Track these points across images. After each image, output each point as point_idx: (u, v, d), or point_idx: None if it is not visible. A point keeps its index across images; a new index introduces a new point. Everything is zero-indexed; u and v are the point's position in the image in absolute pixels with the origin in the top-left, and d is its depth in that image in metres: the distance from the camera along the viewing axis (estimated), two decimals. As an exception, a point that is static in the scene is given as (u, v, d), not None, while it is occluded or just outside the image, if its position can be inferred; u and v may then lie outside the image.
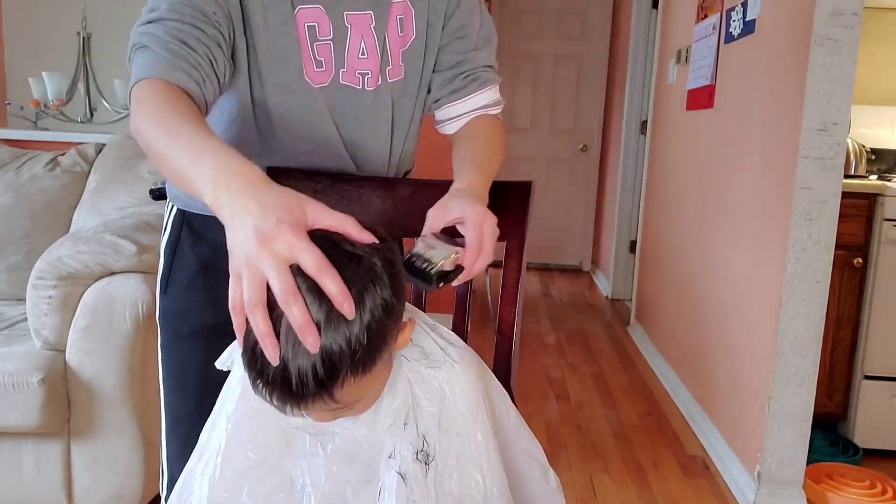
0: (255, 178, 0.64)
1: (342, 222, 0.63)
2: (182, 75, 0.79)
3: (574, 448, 2.39)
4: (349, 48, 0.94)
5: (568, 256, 5.62)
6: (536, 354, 3.41)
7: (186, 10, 0.82)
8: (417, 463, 0.73)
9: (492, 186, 1.01)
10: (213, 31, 0.83)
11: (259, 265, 0.58)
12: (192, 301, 1.04)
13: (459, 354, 0.78)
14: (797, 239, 1.89)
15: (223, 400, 0.79)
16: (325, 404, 0.63)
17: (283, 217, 0.59)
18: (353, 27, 0.93)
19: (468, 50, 1.02)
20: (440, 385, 0.75)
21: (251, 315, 0.59)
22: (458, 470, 0.74)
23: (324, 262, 0.59)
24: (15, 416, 1.62)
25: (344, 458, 0.73)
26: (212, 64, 0.83)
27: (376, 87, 0.98)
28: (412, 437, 0.73)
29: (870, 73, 2.70)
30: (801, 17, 1.89)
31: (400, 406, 0.73)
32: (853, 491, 2.02)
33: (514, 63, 5.37)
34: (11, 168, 2.20)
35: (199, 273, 1.03)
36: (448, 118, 1.06)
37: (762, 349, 2.04)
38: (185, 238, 1.05)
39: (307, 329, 0.58)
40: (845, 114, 1.85)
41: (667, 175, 3.32)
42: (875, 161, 2.78)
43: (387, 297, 0.63)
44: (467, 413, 0.75)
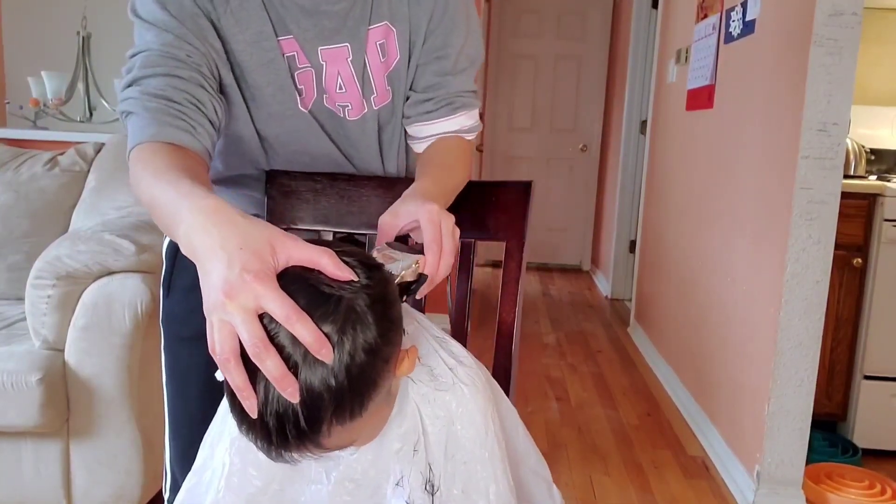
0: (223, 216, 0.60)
1: (317, 257, 0.59)
2: (170, 130, 0.77)
3: (574, 449, 2.39)
4: (326, 82, 0.93)
5: (568, 256, 5.62)
6: (536, 355, 3.41)
7: (159, 62, 0.81)
8: (425, 493, 0.71)
9: (492, 186, 1.01)
10: (191, 73, 0.82)
11: (226, 318, 0.56)
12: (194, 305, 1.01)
13: (469, 375, 0.74)
14: (797, 239, 1.89)
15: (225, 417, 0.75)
16: (312, 452, 0.59)
17: (247, 264, 0.56)
18: (328, 63, 0.92)
19: (446, 72, 0.96)
20: (447, 410, 0.72)
21: (224, 369, 0.56)
22: (462, 500, 0.71)
23: (292, 310, 0.55)
24: (14, 415, 1.62)
25: (349, 485, 0.71)
26: (198, 108, 0.81)
27: (360, 115, 0.97)
28: (421, 465, 0.71)
29: (870, 73, 2.70)
30: (800, 17, 1.89)
31: (409, 430, 0.71)
32: (853, 491, 2.02)
33: (514, 63, 5.37)
34: (11, 167, 2.20)
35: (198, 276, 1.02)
36: (417, 137, 1.01)
37: (762, 349, 2.04)
38: None
39: (284, 381, 0.55)
40: (845, 114, 1.85)
41: (667, 175, 3.32)
42: (875, 161, 2.78)
43: (370, 340, 0.58)
44: (475, 438, 0.72)
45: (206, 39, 0.85)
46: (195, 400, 1.01)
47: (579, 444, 2.43)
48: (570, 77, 5.38)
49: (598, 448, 2.40)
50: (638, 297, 3.76)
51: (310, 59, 0.91)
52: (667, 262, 3.20)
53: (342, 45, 0.91)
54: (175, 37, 0.83)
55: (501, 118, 5.46)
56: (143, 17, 0.84)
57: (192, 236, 0.61)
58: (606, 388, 3.00)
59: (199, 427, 1.00)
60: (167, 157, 0.75)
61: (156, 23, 0.83)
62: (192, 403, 1.02)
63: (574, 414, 2.69)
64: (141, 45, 0.84)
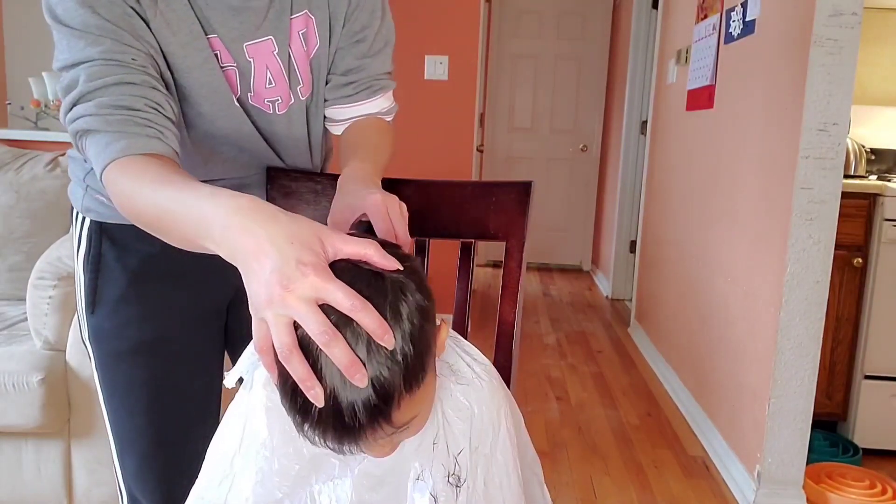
0: (265, 213, 0.59)
1: (364, 249, 0.60)
2: (142, 141, 0.74)
3: (574, 449, 2.39)
4: (255, 80, 0.91)
5: (568, 256, 5.62)
6: (536, 355, 3.41)
7: (106, 72, 0.76)
8: (449, 486, 0.70)
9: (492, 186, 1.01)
10: (142, 76, 0.78)
11: (285, 311, 0.55)
12: (126, 317, 0.99)
13: (484, 371, 0.76)
14: (797, 239, 1.89)
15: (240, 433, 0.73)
16: (384, 431, 0.59)
17: (302, 257, 0.56)
18: (255, 60, 0.90)
19: (364, 55, 0.98)
20: (469, 402, 0.73)
21: (287, 363, 0.56)
22: (485, 493, 0.72)
23: (356, 299, 0.55)
24: (15, 416, 1.63)
25: (371, 481, 0.71)
26: (158, 110, 0.78)
27: (288, 108, 0.96)
28: (443, 457, 0.70)
29: (870, 73, 2.70)
30: (801, 18, 1.89)
31: (428, 426, 0.70)
32: (853, 491, 2.02)
33: (514, 63, 5.37)
34: (12, 168, 2.20)
35: (129, 286, 0.98)
36: (336, 119, 1.02)
37: (762, 349, 2.04)
38: (108, 251, 0.98)
39: (353, 367, 0.55)
40: (845, 114, 1.85)
41: (667, 175, 3.32)
42: (875, 161, 2.78)
43: (420, 302, 0.60)
44: (490, 432, 0.73)
45: (143, 39, 0.80)
46: (142, 414, 1.00)
47: (579, 443, 2.43)
48: (570, 77, 5.38)
49: (599, 448, 2.41)
50: (638, 297, 3.76)
51: (235, 58, 0.89)
52: (667, 262, 3.20)
53: (266, 38, 0.90)
54: (114, 41, 0.77)
55: (501, 118, 5.46)
56: (70, 23, 0.77)
57: (232, 238, 0.59)
58: (607, 387, 3.00)
59: (150, 440, 1.00)
60: (156, 167, 0.72)
61: (87, 29, 0.76)
62: (140, 417, 1.00)
63: (574, 414, 2.70)
64: (76, 55, 0.77)
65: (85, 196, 1.00)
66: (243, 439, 0.72)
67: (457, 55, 3.53)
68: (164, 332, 1.00)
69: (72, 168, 1.03)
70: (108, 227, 0.98)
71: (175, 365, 1.01)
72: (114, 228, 0.98)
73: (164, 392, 1.00)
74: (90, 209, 0.99)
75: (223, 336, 1.10)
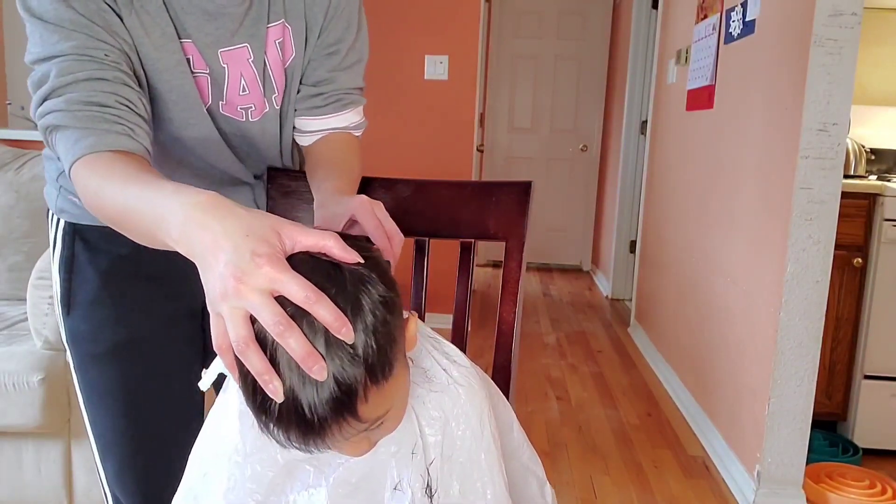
0: (223, 209, 0.58)
1: (323, 241, 0.58)
2: (111, 138, 0.74)
3: (574, 448, 2.39)
4: (228, 87, 0.90)
5: (568, 256, 5.62)
6: (536, 354, 3.41)
7: (78, 67, 0.75)
8: (425, 497, 0.70)
9: (492, 186, 1.01)
10: (114, 73, 0.77)
11: (240, 303, 0.54)
12: (100, 318, 0.99)
13: (463, 375, 0.73)
14: (797, 239, 1.89)
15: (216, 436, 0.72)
16: (352, 427, 0.57)
17: (257, 249, 0.54)
18: (230, 66, 0.89)
19: (335, 68, 0.97)
20: (443, 410, 0.71)
21: (243, 356, 0.54)
22: (460, 501, 0.71)
23: (311, 291, 0.53)
24: (15, 415, 1.63)
25: (347, 489, 0.70)
26: (130, 108, 0.77)
27: (262, 116, 0.95)
28: (420, 468, 0.70)
29: (870, 73, 2.70)
30: (800, 18, 1.89)
31: (405, 433, 0.69)
32: (853, 491, 2.02)
33: (514, 63, 5.37)
34: (12, 168, 2.20)
35: (101, 288, 0.98)
36: (304, 130, 1.01)
37: (762, 349, 2.04)
38: (81, 253, 0.98)
39: (311, 359, 0.53)
40: (845, 114, 1.85)
41: (667, 175, 3.32)
42: (875, 161, 2.78)
43: (383, 293, 0.58)
44: (470, 439, 0.71)
45: (118, 35, 0.79)
46: (121, 417, 0.99)
47: (579, 443, 2.43)
48: (570, 77, 5.38)
49: (599, 448, 2.41)
50: (638, 297, 3.76)
51: (209, 64, 0.88)
52: (667, 262, 3.20)
53: (241, 45, 0.89)
54: (87, 36, 0.76)
55: (501, 118, 5.46)
56: (43, 16, 0.76)
57: (190, 234, 0.58)
58: (607, 387, 3.00)
59: (131, 443, 0.99)
60: (123, 164, 0.71)
61: (61, 23, 0.75)
62: (120, 420, 0.99)
63: (574, 414, 2.70)
64: (48, 49, 0.76)
65: (59, 197, 0.99)
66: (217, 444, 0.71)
67: (457, 55, 3.53)
68: (138, 334, 0.99)
69: (46, 168, 1.01)
70: (80, 228, 0.98)
71: (151, 366, 1.00)
72: (86, 230, 0.97)
73: (142, 394, 0.99)
74: (64, 210, 0.98)
75: (202, 336, 1.07)
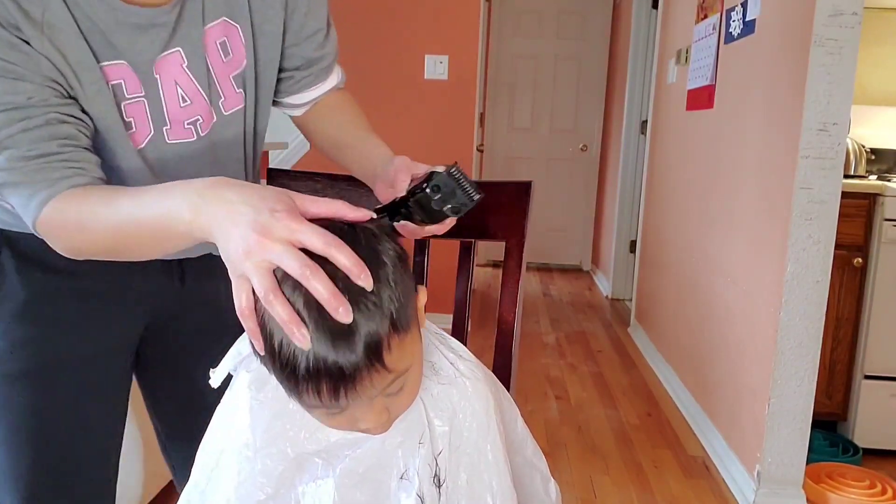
0: (235, 183, 0.61)
1: (334, 207, 0.61)
2: (62, 184, 0.72)
3: (574, 448, 2.39)
4: (166, 101, 0.83)
5: (568, 256, 5.62)
6: (536, 354, 3.41)
7: (5, 120, 0.71)
8: (433, 487, 0.70)
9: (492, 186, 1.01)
10: (45, 115, 0.73)
11: (265, 256, 0.55)
12: (21, 336, 0.88)
13: (469, 369, 0.75)
14: (797, 239, 1.89)
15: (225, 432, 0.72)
16: (379, 376, 0.59)
17: (275, 207, 0.57)
18: (162, 76, 0.82)
19: (320, 45, 0.96)
20: (451, 403, 0.72)
21: (270, 305, 0.55)
22: (468, 492, 0.72)
23: (330, 237, 0.56)
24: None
25: (354, 479, 0.70)
26: (72, 145, 0.74)
27: (210, 127, 0.88)
28: (429, 458, 0.70)
29: (870, 73, 2.70)
30: (801, 18, 1.89)
31: (412, 423, 0.70)
32: (853, 491, 2.02)
33: (514, 63, 5.37)
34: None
35: (28, 303, 0.88)
36: (298, 104, 1.01)
37: (762, 349, 2.04)
38: (8, 262, 0.88)
39: (336, 299, 0.54)
40: (845, 114, 1.85)
41: (667, 175, 3.32)
42: (875, 161, 2.78)
43: (396, 248, 0.62)
44: (477, 431, 0.72)
45: (35, 65, 0.73)
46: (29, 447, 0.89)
47: (579, 443, 2.43)
48: (570, 77, 5.38)
49: (598, 448, 2.41)
50: (638, 297, 3.76)
51: (143, 83, 0.81)
52: (667, 262, 3.20)
53: (174, 50, 0.82)
54: (4, 80, 0.71)
55: (501, 118, 5.46)
56: None
57: (205, 211, 0.60)
58: (606, 387, 3.00)
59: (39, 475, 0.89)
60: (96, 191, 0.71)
61: None
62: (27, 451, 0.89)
63: (574, 413, 2.70)
64: None
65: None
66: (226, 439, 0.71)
67: (457, 55, 3.52)
68: (60, 357, 0.90)
69: None
70: (11, 235, 0.88)
71: (73, 392, 0.91)
72: (18, 238, 0.87)
73: (58, 423, 0.90)
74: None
75: (132, 361, 1.00)
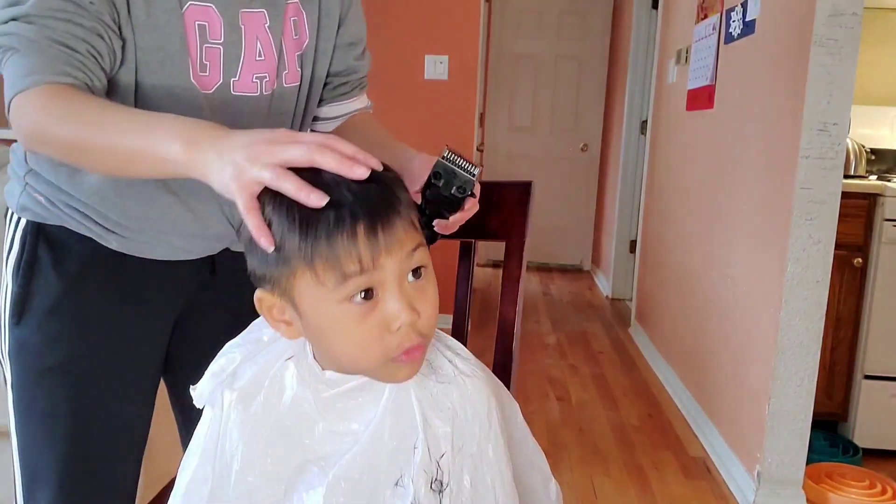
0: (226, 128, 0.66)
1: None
2: (68, 79, 0.74)
3: (575, 449, 2.39)
4: (245, 51, 0.87)
5: (568, 256, 5.62)
6: (537, 355, 3.41)
7: (60, 6, 0.74)
8: (431, 492, 0.69)
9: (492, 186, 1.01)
10: (93, 22, 0.76)
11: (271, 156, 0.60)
12: (58, 329, 0.89)
13: (469, 367, 0.74)
14: (797, 239, 1.89)
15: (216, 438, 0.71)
16: (402, 224, 0.63)
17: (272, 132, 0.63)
18: (246, 28, 0.86)
19: (357, 57, 1.03)
20: (451, 402, 0.71)
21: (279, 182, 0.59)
22: (471, 494, 0.71)
23: (323, 137, 0.62)
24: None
25: (346, 485, 0.69)
26: (96, 59, 0.77)
27: (271, 92, 0.92)
28: (425, 463, 0.69)
29: (870, 73, 2.70)
30: (801, 18, 1.89)
31: (406, 428, 0.69)
32: (853, 491, 2.02)
33: (514, 63, 5.37)
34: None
35: (65, 295, 0.88)
36: (329, 117, 1.05)
37: (762, 349, 2.04)
38: (44, 255, 0.89)
39: (349, 161, 0.60)
40: (845, 114, 1.85)
41: (667, 175, 3.32)
42: (875, 161, 2.78)
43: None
44: (478, 432, 0.72)
45: None
46: (64, 441, 0.89)
47: (580, 444, 2.43)
48: (570, 77, 5.38)
49: (599, 448, 2.40)
50: (638, 297, 3.76)
51: (226, 30, 0.84)
52: (667, 262, 3.20)
53: (260, 10, 0.87)
54: None
55: (501, 118, 5.46)
56: None
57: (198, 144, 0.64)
58: (607, 388, 3.00)
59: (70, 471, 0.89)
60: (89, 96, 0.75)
61: None
62: (62, 445, 0.89)
63: (575, 414, 2.70)
64: None
65: (23, 194, 0.91)
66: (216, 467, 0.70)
67: (457, 55, 3.52)
68: (98, 350, 0.90)
69: (13, 164, 0.94)
70: (46, 228, 0.90)
71: (107, 388, 0.91)
72: (53, 230, 0.90)
73: (91, 417, 0.90)
74: (27, 208, 0.91)
75: (163, 360, 1.00)
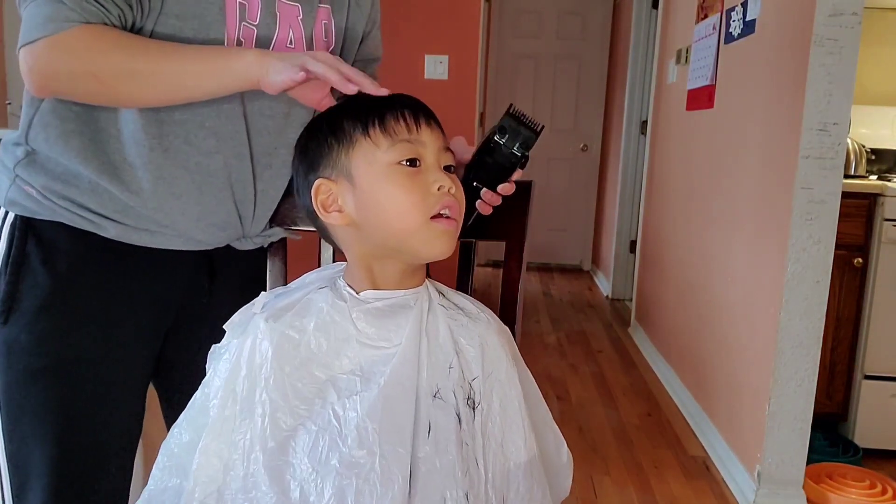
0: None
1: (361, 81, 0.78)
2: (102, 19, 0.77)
3: (574, 449, 2.37)
4: (277, 36, 0.89)
5: (568, 256, 5.62)
6: (537, 354, 3.41)
7: None
8: (468, 408, 0.76)
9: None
10: None
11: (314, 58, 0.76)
12: (47, 329, 0.86)
13: (490, 315, 0.83)
14: (797, 239, 1.89)
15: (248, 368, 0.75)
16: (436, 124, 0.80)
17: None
18: (281, 15, 0.89)
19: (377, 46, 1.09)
20: (478, 333, 0.79)
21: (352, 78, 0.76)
22: (501, 415, 0.78)
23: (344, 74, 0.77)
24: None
25: (391, 391, 0.73)
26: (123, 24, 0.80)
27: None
28: (460, 382, 0.76)
29: (870, 73, 2.70)
30: (801, 17, 1.89)
31: (440, 350, 0.77)
32: (853, 491, 2.02)
33: (514, 63, 5.37)
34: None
35: (54, 293, 0.86)
36: None
37: (762, 349, 2.04)
38: (33, 251, 0.86)
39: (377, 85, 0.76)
40: (845, 114, 1.85)
41: (667, 175, 3.32)
42: (875, 161, 2.78)
43: None
44: (505, 362, 0.79)
45: None
46: (54, 443, 0.86)
47: (580, 443, 2.43)
48: (570, 77, 5.38)
49: (599, 448, 2.41)
50: (638, 296, 3.76)
51: (263, 13, 0.86)
52: (667, 262, 3.20)
53: (295, 3, 0.90)
54: None
55: (501, 118, 5.46)
56: None
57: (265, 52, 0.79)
58: (607, 387, 3.00)
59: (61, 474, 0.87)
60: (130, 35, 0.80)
61: None
62: (51, 447, 0.87)
63: (575, 413, 2.70)
64: None
65: (11, 187, 0.87)
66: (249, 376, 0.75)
67: (457, 55, 3.52)
68: (89, 350, 0.88)
69: (2, 156, 0.90)
70: (35, 223, 0.86)
71: (97, 388, 0.89)
72: (43, 225, 0.86)
73: (82, 418, 0.88)
74: (15, 202, 0.87)
75: (155, 361, 0.98)
